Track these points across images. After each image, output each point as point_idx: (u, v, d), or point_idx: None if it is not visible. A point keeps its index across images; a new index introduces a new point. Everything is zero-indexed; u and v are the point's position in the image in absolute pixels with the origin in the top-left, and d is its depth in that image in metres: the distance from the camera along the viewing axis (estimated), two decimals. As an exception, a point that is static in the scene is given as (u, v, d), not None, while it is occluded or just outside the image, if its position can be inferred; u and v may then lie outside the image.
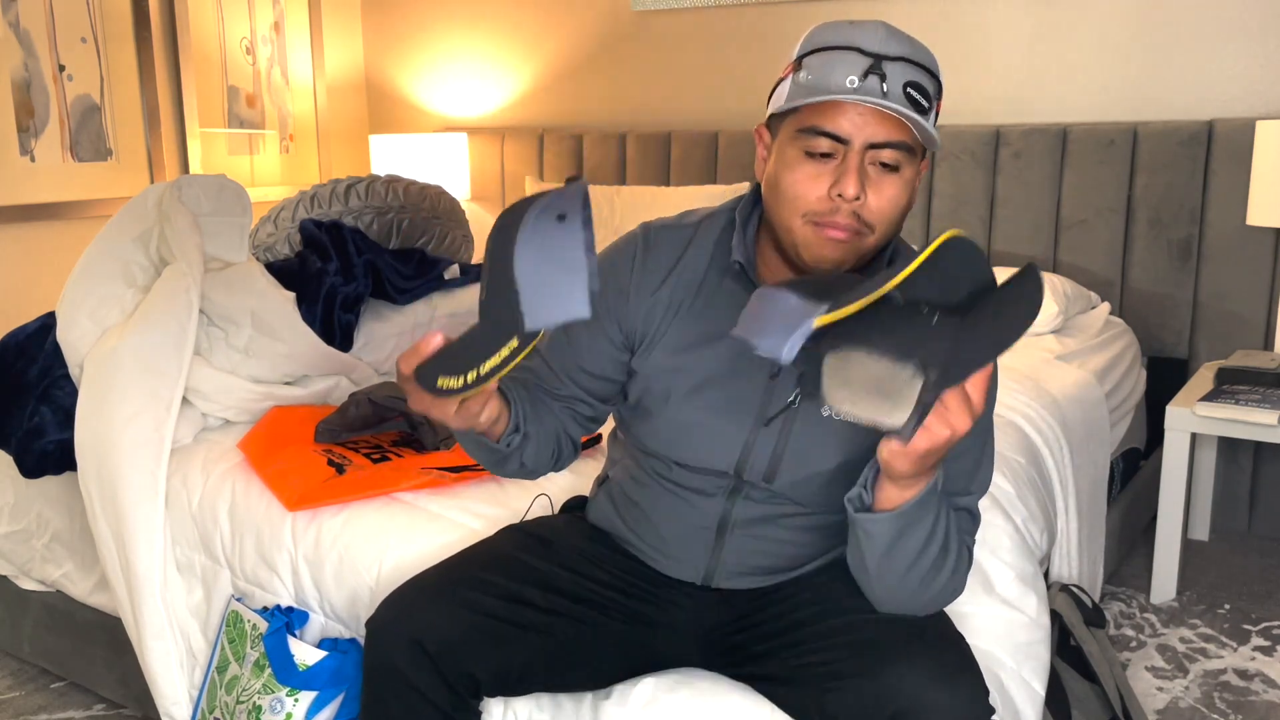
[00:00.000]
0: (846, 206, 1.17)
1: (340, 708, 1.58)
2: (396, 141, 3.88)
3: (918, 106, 1.16)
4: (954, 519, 1.22)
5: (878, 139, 1.16)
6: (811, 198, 1.19)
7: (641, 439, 1.36)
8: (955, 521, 1.22)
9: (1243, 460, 2.90)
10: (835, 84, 1.15)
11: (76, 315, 1.96)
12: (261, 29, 3.93)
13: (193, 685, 1.79)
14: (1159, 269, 2.92)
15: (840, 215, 1.18)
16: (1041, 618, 1.57)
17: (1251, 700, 2.07)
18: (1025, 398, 2.14)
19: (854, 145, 1.16)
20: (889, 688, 1.15)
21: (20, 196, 3.24)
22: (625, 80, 3.76)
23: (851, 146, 1.17)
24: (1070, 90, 3.03)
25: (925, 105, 1.17)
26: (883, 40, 1.16)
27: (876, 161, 1.18)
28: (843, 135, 1.16)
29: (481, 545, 1.41)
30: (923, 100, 1.16)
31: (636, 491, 1.39)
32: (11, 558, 2.21)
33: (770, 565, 1.35)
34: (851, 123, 1.16)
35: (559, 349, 1.35)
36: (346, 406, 1.91)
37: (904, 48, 1.16)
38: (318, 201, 2.36)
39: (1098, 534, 2.28)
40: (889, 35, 1.16)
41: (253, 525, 1.75)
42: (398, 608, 1.30)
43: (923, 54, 1.18)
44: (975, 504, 1.30)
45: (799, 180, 1.19)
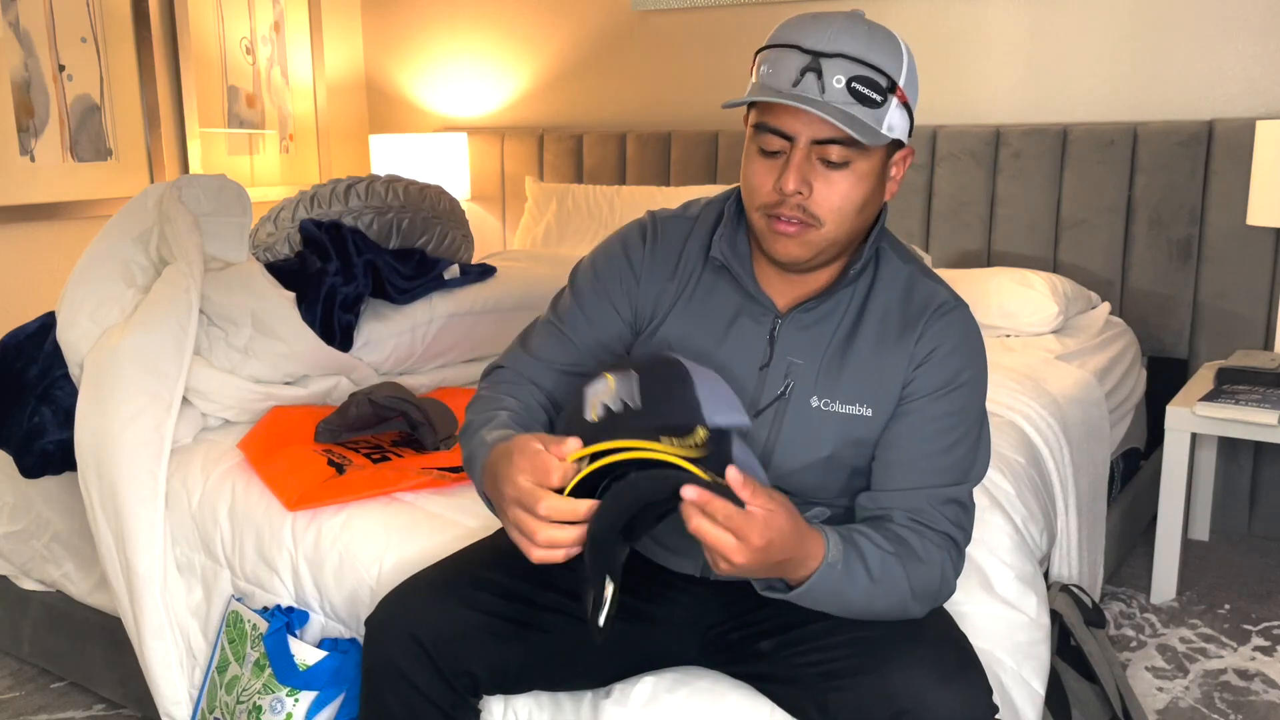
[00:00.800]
0: (791, 199, 1.20)
1: (341, 708, 1.58)
2: (396, 141, 3.88)
3: (866, 100, 1.16)
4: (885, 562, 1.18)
5: (821, 136, 1.18)
6: (764, 191, 1.23)
7: None
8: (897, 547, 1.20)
9: (1243, 460, 2.90)
10: (777, 83, 1.18)
11: (76, 315, 1.96)
12: (261, 29, 3.93)
13: (193, 685, 1.79)
14: (1159, 269, 2.92)
15: (786, 208, 1.21)
16: (1041, 617, 1.57)
17: (1251, 700, 2.07)
18: (1025, 398, 2.14)
19: (798, 142, 1.19)
20: (891, 687, 1.15)
21: (20, 196, 3.24)
22: (625, 80, 3.76)
23: (796, 143, 1.19)
24: (1070, 90, 3.03)
25: (876, 99, 1.17)
26: (831, 36, 1.16)
27: (824, 156, 1.19)
28: (788, 132, 1.19)
29: (479, 544, 1.42)
30: (873, 94, 1.17)
31: None
32: (11, 558, 2.21)
33: None
34: (796, 119, 1.18)
35: (581, 328, 1.37)
36: (347, 406, 1.91)
37: (851, 43, 1.16)
38: (318, 201, 2.36)
39: (1098, 534, 2.28)
40: (840, 30, 1.17)
41: (253, 525, 1.75)
42: (397, 605, 1.31)
43: (876, 47, 1.18)
44: (966, 494, 1.28)
45: (754, 174, 1.23)
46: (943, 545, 1.24)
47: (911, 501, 1.25)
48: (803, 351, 1.29)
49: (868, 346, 1.28)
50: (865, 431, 1.28)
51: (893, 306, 1.29)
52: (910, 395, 1.28)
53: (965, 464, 1.29)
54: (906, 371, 1.27)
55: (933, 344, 1.27)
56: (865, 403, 1.28)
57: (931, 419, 1.27)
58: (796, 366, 1.28)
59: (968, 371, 1.28)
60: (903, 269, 1.32)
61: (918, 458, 1.27)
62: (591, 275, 1.38)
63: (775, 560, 1.09)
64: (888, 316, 1.29)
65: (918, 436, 1.27)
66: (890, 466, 1.28)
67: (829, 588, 1.15)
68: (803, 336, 1.29)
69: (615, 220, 3.49)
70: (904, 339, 1.28)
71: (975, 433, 1.30)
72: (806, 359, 1.29)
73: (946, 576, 1.24)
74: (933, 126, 3.17)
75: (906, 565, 1.20)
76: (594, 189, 3.60)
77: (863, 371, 1.28)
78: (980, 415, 1.31)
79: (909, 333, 1.28)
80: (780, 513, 1.07)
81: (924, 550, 1.22)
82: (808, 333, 1.29)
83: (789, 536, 1.08)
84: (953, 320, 1.29)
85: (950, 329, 1.28)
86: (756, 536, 1.05)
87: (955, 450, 1.27)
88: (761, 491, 1.07)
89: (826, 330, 1.29)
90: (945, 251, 3.17)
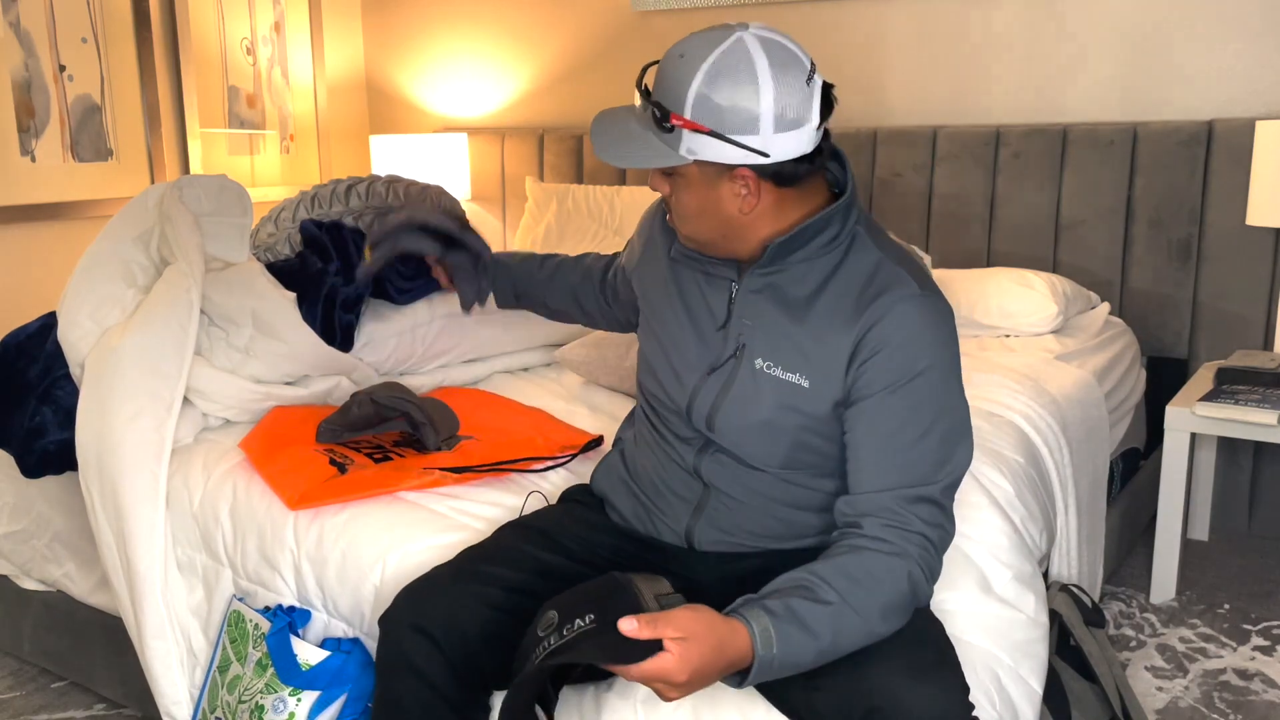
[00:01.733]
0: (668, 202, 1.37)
1: (343, 707, 1.58)
2: (396, 141, 3.88)
3: (663, 128, 1.27)
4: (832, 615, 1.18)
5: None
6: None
7: (643, 377, 1.51)
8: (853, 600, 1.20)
9: (1243, 460, 2.91)
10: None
11: (77, 315, 1.96)
12: (262, 29, 3.93)
13: (193, 685, 1.79)
14: (1159, 269, 2.92)
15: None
16: (1040, 617, 1.57)
17: (1251, 700, 2.08)
18: (1025, 398, 2.14)
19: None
20: (867, 684, 1.16)
21: (20, 196, 3.24)
22: (625, 80, 3.76)
23: None
24: (1070, 90, 3.04)
25: (666, 126, 1.26)
26: (665, 63, 1.29)
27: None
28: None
29: (488, 541, 1.47)
30: (662, 123, 1.27)
31: (638, 448, 1.52)
32: (12, 558, 2.21)
33: (746, 527, 1.40)
34: None
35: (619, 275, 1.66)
36: (349, 406, 1.91)
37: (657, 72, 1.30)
38: (318, 202, 2.36)
39: (1097, 534, 2.28)
40: (673, 55, 1.28)
41: (254, 525, 1.75)
42: (410, 602, 1.35)
43: (668, 74, 1.27)
44: (939, 492, 1.26)
45: None
46: (915, 546, 1.23)
47: (881, 503, 1.25)
48: (757, 315, 1.35)
49: (817, 320, 1.31)
50: (801, 402, 1.31)
51: (852, 287, 1.31)
52: (865, 390, 1.28)
53: (935, 459, 1.26)
54: (849, 356, 1.28)
55: (881, 336, 1.27)
56: (803, 372, 1.31)
57: (891, 414, 1.27)
58: (747, 328, 1.35)
59: (924, 361, 1.26)
60: (873, 254, 1.33)
61: (882, 456, 1.27)
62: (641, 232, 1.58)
63: (711, 675, 1.11)
64: (844, 296, 1.31)
65: (879, 433, 1.27)
66: (858, 468, 1.28)
67: (780, 667, 1.15)
68: (758, 300, 1.35)
69: (615, 220, 3.49)
70: (851, 322, 1.29)
71: (944, 426, 1.27)
72: (758, 322, 1.35)
73: (917, 582, 1.22)
74: (933, 126, 3.17)
75: (859, 600, 1.18)
76: (594, 189, 3.60)
77: (807, 342, 1.31)
78: (946, 407, 1.28)
79: (857, 317, 1.28)
80: (690, 641, 1.09)
81: (883, 568, 1.21)
82: (761, 296, 1.35)
83: (709, 654, 1.10)
84: (908, 309, 1.27)
85: (905, 319, 1.27)
86: (677, 674, 1.08)
87: (921, 445, 1.26)
88: (663, 621, 1.09)
89: (784, 297, 1.33)
90: (945, 251, 3.17)
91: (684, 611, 1.11)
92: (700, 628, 1.10)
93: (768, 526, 1.39)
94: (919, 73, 3.23)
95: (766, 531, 1.40)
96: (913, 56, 3.23)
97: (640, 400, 1.54)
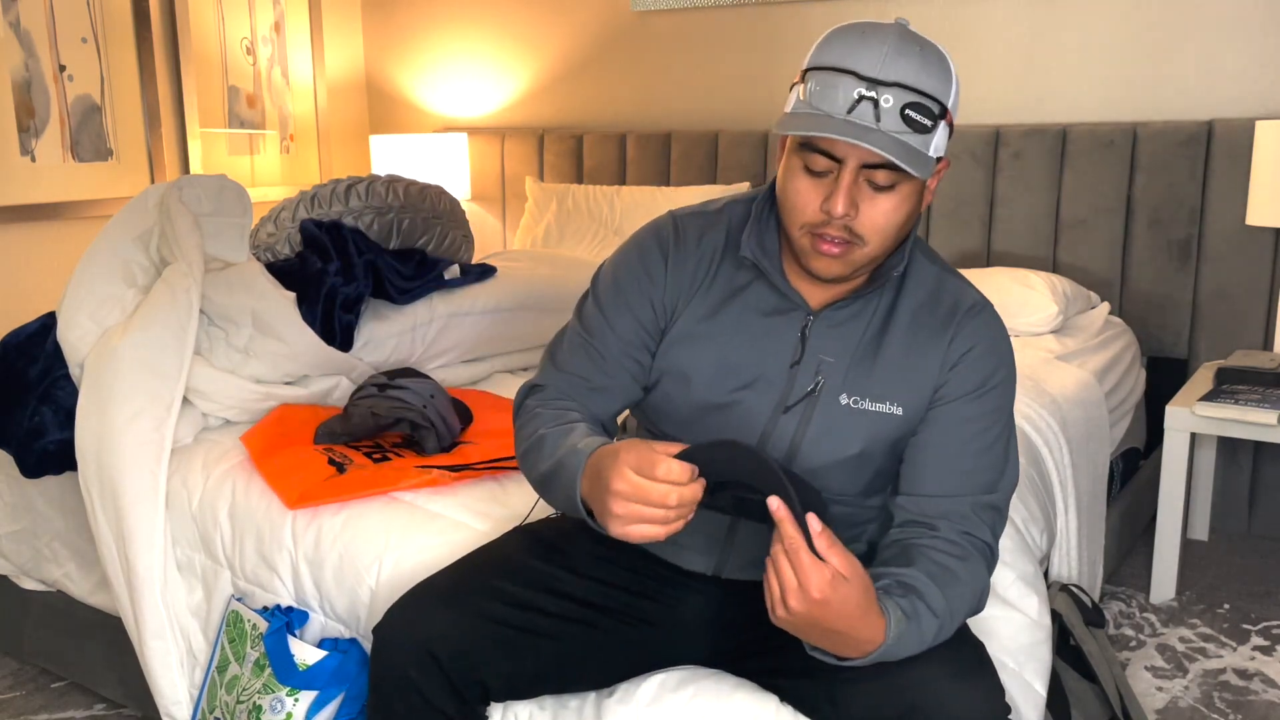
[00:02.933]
0: (837, 221, 1.19)
1: (340, 707, 1.58)
2: (396, 141, 3.88)
3: (917, 126, 1.16)
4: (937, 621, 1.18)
5: (870, 160, 1.17)
6: (808, 211, 1.21)
7: (661, 424, 1.37)
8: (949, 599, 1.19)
9: (1243, 460, 2.90)
10: (829, 107, 1.16)
11: (77, 315, 1.96)
12: (262, 29, 3.93)
13: (193, 685, 1.79)
14: (1159, 269, 2.92)
15: (832, 229, 1.20)
16: (1043, 618, 1.57)
17: (1251, 700, 2.08)
18: (1025, 398, 2.14)
19: (847, 165, 1.17)
20: (905, 680, 1.15)
21: (20, 196, 3.24)
22: (625, 80, 3.76)
23: (845, 165, 1.18)
24: (1070, 90, 3.03)
25: (927, 125, 1.16)
26: (885, 60, 1.14)
27: (871, 179, 1.18)
28: (837, 155, 1.18)
29: (489, 549, 1.40)
30: (924, 120, 1.16)
31: None
32: (11, 558, 2.21)
33: None
34: (843, 146, 1.17)
35: (609, 342, 1.36)
36: (350, 414, 1.90)
37: (905, 70, 1.15)
38: (318, 201, 2.36)
39: (1097, 534, 2.28)
40: (894, 52, 1.15)
41: (253, 525, 1.75)
42: (406, 615, 1.29)
43: (929, 72, 1.16)
44: (1003, 500, 1.29)
45: (798, 192, 1.22)
46: (983, 555, 1.25)
47: (956, 508, 1.25)
48: (833, 349, 1.29)
49: (899, 345, 1.28)
50: (894, 430, 1.29)
51: (923, 306, 1.30)
52: (945, 397, 1.28)
53: (1000, 467, 1.29)
54: (940, 372, 1.28)
55: (967, 344, 1.28)
56: (895, 401, 1.28)
57: (968, 420, 1.27)
58: (827, 364, 1.29)
59: (1001, 372, 1.29)
60: (931, 269, 1.33)
61: (956, 461, 1.27)
62: (613, 287, 1.37)
63: (829, 626, 1.09)
64: (919, 315, 1.29)
65: (955, 439, 1.27)
66: (927, 470, 1.28)
67: (885, 656, 1.14)
68: (833, 334, 1.29)
69: (615, 220, 3.49)
70: (937, 338, 1.28)
71: (1007, 435, 1.30)
72: (837, 357, 1.29)
73: (979, 594, 1.24)
74: (933, 126, 3.17)
75: (950, 611, 1.19)
76: (594, 189, 3.60)
77: (893, 370, 1.28)
78: (1011, 418, 1.32)
79: (943, 332, 1.28)
80: (851, 583, 1.08)
81: (966, 573, 1.22)
82: (838, 330, 1.29)
83: (851, 608, 1.08)
84: (984, 321, 1.30)
85: (982, 329, 1.29)
86: (816, 589, 1.06)
87: (991, 452, 1.28)
88: (841, 552, 1.08)
89: (857, 329, 1.29)
90: (945, 251, 3.17)
91: (859, 563, 1.10)
92: (864, 582, 1.09)
93: None
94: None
95: None
96: (913, 56, 3.23)
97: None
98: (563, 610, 1.32)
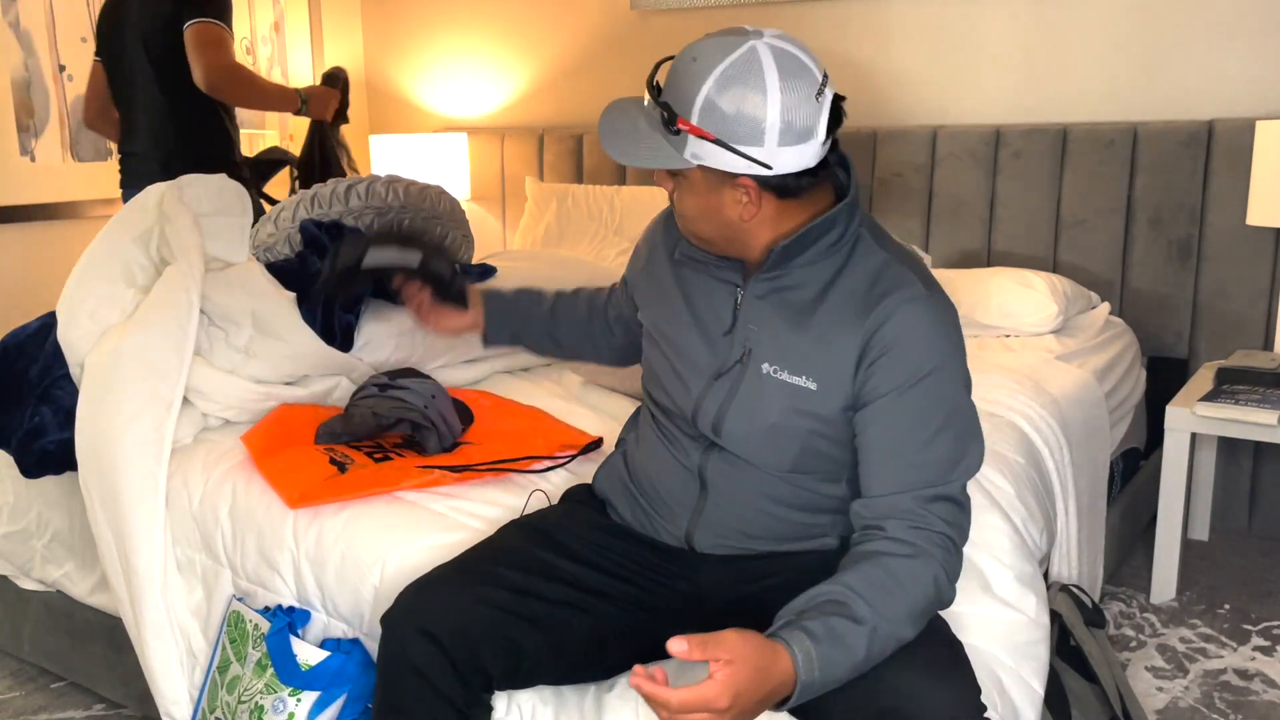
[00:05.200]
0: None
1: (343, 708, 1.58)
2: (397, 141, 3.88)
3: (671, 129, 1.26)
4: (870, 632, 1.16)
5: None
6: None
7: (651, 388, 1.50)
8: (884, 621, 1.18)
9: (1243, 460, 2.91)
10: None
11: (77, 315, 1.96)
12: (261, 29, 3.92)
13: (193, 685, 1.79)
14: (1159, 269, 2.92)
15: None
16: (1041, 618, 1.57)
17: (1251, 700, 2.08)
18: (1025, 398, 2.14)
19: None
20: (880, 683, 1.16)
21: (20, 196, 3.24)
22: (625, 80, 3.76)
23: None
24: (1070, 90, 3.03)
25: (673, 130, 1.26)
26: (676, 64, 1.28)
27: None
28: None
29: (489, 540, 1.46)
30: (668, 126, 1.26)
31: (640, 448, 1.51)
32: (11, 558, 2.21)
33: (746, 530, 1.39)
34: None
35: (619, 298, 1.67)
36: (351, 414, 1.90)
37: (674, 75, 1.27)
38: (318, 202, 2.36)
39: (1097, 534, 2.28)
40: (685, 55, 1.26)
41: (254, 525, 1.75)
42: (412, 603, 1.34)
43: (679, 75, 1.26)
44: (957, 490, 1.27)
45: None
46: (939, 547, 1.23)
47: (900, 505, 1.24)
48: (762, 319, 1.34)
49: (824, 322, 1.30)
50: (809, 404, 1.31)
51: (858, 289, 1.30)
52: (875, 393, 1.27)
53: (950, 458, 1.26)
54: (857, 358, 1.28)
55: (889, 337, 1.26)
56: (811, 375, 1.30)
57: (903, 415, 1.26)
58: (754, 333, 1.34)
59: (934, 361, 1.26)
60: (879, 254, 1.32)
61: (897, 457, 1.26)
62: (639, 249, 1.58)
63: (752, 701, 1.08)
64: (851, 297, 1.30)
65: (893, 435, 1.27)
66: (872, 471, 1.28)
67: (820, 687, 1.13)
68: (763, 305, 1.35)
69: (615, 220, 3.49)
70: (857, 323, 1.28)
71: (956, 425, 1.27)
72: (764, 326, 1.34)
73: (941, 586, 1.22)
74: (933, 126, 3.17)
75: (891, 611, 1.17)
76: (594, 189, 3.60)
77: (814, 345, 1.30)
78: (958, 406, 1.28)
79: (865, 315, 1.28)
80: (736, 664, 1.06)
81: (908, 571, 1.20)
82: (765, 301, 1.34)
83: (753, 678, 1.07)
84: (915, 310, 1.27)
85: (912, 319, 1.27)
86: (719, 699, 1.05)
87: (936, 445, 1.26)
88: (700, 643, 1.06)
89: (789, 301, 1.33)
90: (945, 251, 3.17)
91: (732, 634, 1.08)
92: (747, 650, 1.07)
93: (769, 528, 1.39)
94: (919, 73, 3.23)
95: (767, 533, 1.39)
96: (913, 56, 3.23)
97: (645, 402, 1.54)
98: (558, 595, 1.37)
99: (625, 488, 1.51)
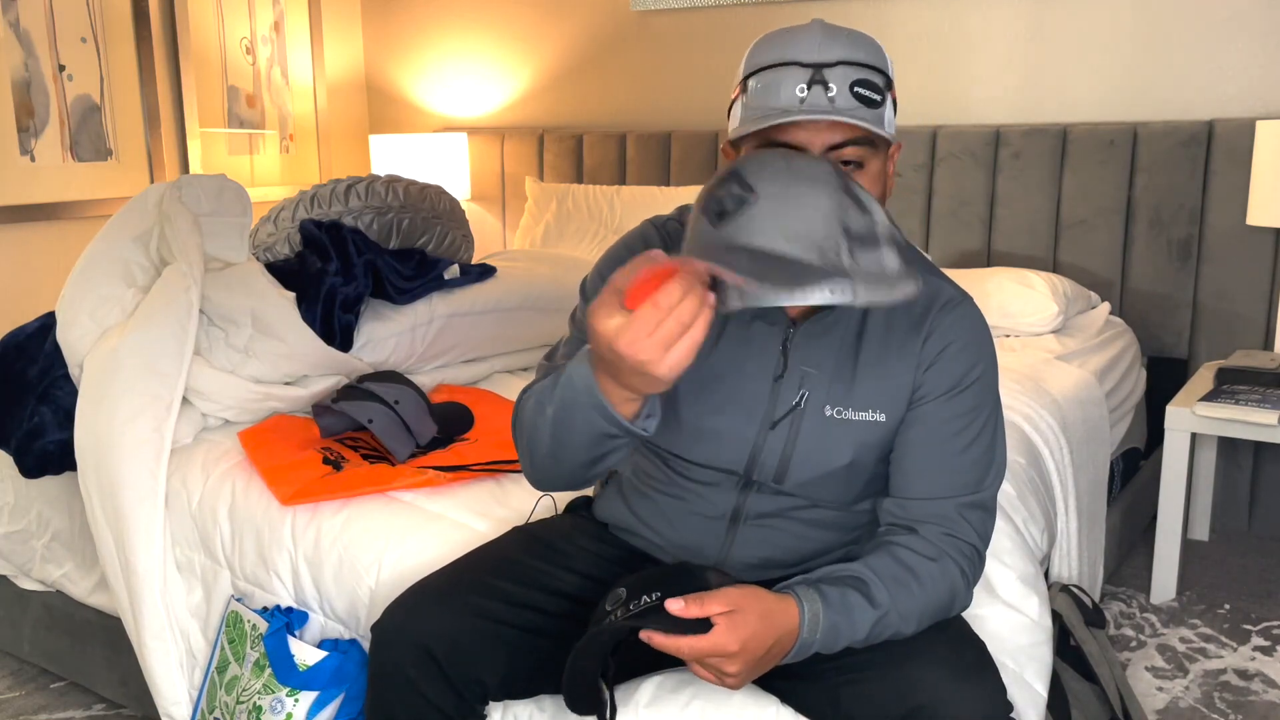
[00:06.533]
0: None
1: (340, 708, 1.58)
2: (396, 141, 3.88)
3: (868, 102, 1.18)
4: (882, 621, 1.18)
5: (835, 141, 1.18)
6: None
7: (656, 441, 1.34)
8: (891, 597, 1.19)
9: (1243, 460, 2.90)
10: (782, 102, 1.17)
11: (76, 315, 1.96)
12: (261, 29, 3.93)
13: (192, 685, 1.79)
14: (1159, 269, 2.92)
15: None
16: (1043, 619, 1.57)
17: (1251, 700, 2.07)
18: (1025, 398, 2.14)
19: (813, 151, 1.18)
20: (908, 682, 1.15)
21: (20, 196, 3.24)
22: (625, 80, 3.76)
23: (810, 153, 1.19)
24: (1070, 90, 3.03)
25: (877, 99, 1.18)
26: (820, 46, 1.17)
27: (840, 161, 1.19)
28: (801, 145, 1.18)
29: (487, 548, 1.40)
30: (874, 95, 1.18)
31: (647, 485, 1.39)
32: (11, 558, 2.21)
33: (780, 559, 1.35)
34: (806, 132, 1.19)
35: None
36: (329, 406, 1.92)
37: (843, 49, 1.18)
38: (318, 201, 2.36)
39: (1098, 534, 2.28)
40: (825, 38, 1.18)
41: (253, 525, 1.75)
42: (405, 612, 1.29)
43: (864, 49, 1.19)
44: (990, 498, 1.28)
45: None
46: (965, 557, 1.24)
47: (940, 511, 1.24)
48: (816, 360, 1.27)
49: (875, 350, 1.26)
50: (880, 437, 1.28)
51: (897, 306, 1.27)
52: (923, 398, 1.26)
53: (984, 464, 1.27)
54: (916, 372, 1.26)
55: (942, 342, 1.26)
56: (878, 408, 1.26)
57: (946, 420, 1.26)
58: (811, 376, 1.26)
59: (979, 367, 1.27)
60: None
61: (938, 462, 1.25)
62: (599, 285, 1.34)
63: (763, 646, 1.10)
64: (892, 315, 1.27)
65: (935, 439, 1.26)
66: (911, 473, 1.26)
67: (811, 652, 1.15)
68: (815, 345, 1.27)
69: (615, 220, 3.49)
70: (910, 338, 1.26)
71: (991, 430, 1.28)
72: (820, 368, 1.27)
73: (958, 591, 1.23)
74: (933, 126, 3.17)
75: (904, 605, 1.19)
76: (594, 189, 3.60)
77: (872, 376, 1.26)
78: (994, 411, 1.29)
79: (915, 332, 1.26)
80: (737, 613, 1.08)
81: (929, 574, 1.21)
82: (819, 341, 1.27)
83: (757, 623, 1.09)
84: (959, 315, 1.27)
85: (957, 325, 1.27)
86: (728, 643, 1.07)
87: (973, 450, 1.26)
88: (710, 597, 1.08)
89: (835, 336, 1.27)
90: (945, 251, 3.17)
91: (731, 588, 1.10)
92: (747, 599, 1.09)
93: (798, 549, 1.35)
94: (919, 73, 3.23)
95: (796, 558, 1.36)
96: (913, 56, 3.23)
97: (645, 456, 1.39)
98: (560, 609, 1.32)
99: (636, 519, 1.41)
